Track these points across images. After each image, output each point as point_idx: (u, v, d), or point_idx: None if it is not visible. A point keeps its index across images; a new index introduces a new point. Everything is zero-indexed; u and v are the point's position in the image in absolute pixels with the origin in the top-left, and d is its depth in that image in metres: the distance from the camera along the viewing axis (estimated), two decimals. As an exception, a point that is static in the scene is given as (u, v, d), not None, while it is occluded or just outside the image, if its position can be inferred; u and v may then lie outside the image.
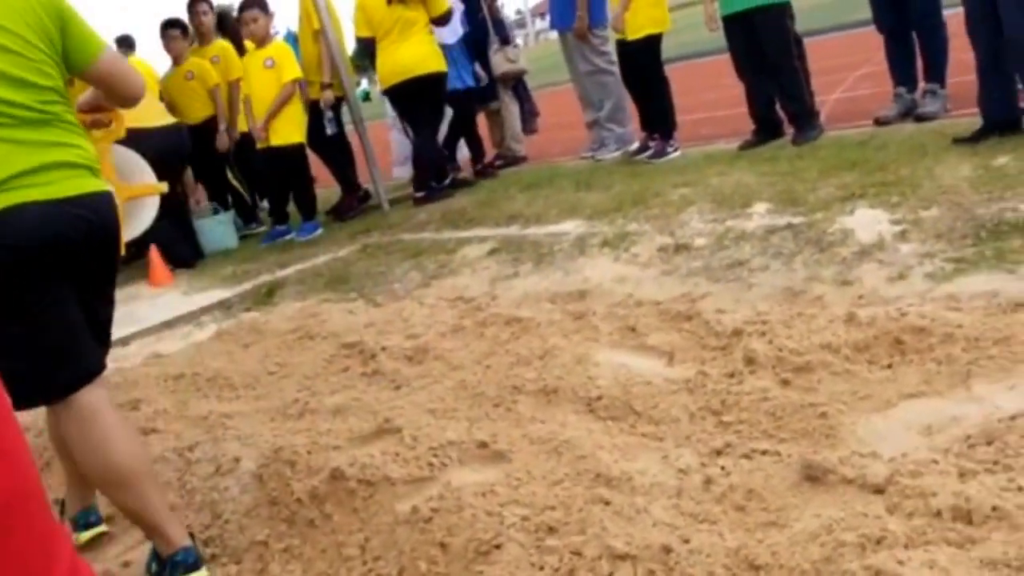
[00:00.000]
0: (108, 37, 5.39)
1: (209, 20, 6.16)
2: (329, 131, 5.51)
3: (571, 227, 4.01)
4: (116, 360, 3.79)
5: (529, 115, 6.41)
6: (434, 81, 5.17)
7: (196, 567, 1.85)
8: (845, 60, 6.92)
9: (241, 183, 6.51)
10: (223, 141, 5.95)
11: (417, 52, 5.08)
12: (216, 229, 5.89)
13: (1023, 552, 1.14)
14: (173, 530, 1.85)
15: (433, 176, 5.44)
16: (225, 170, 6.31)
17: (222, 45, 6.07)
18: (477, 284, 3.80)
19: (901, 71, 4.18)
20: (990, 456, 1.61)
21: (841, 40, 9.32)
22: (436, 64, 5.16)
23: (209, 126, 5.95)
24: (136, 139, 4.95)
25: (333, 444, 2.17)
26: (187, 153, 5.54)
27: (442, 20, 5.15)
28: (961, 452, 1.65)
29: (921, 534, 1.25)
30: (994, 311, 2.14)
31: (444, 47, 5.38)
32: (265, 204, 6.57)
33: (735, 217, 3.47)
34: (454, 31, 5.60)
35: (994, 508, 1.25)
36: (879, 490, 1.44)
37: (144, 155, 4.96)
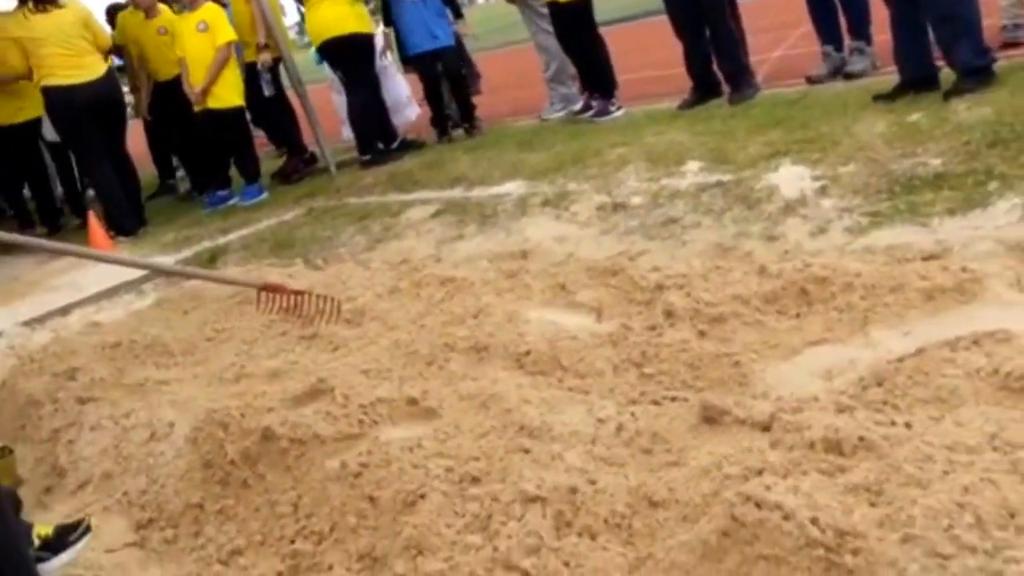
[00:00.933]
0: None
1: None
2: (267, 92, 5.42)
3: (513, 188, 4.05)
4: (55, 329, 3.75)
5: (472, 76, 6.37)
6: (355, 42, 5.12)
7: None
8: (786, 17, 6.97)
9: None
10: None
11: (336, 12, 5.05)
12: None
13: (882, 477, 1.25)
14: None
15: (378, 137, 5.40)
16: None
17: (163, 8, 5.92)
18: (422, 247, 3.82)
19: (825, 30, 4.25)
20: (879, 396, 1.73)
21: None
22: (356, 25, 5.11)
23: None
24: (77, 92, 4.91)
25: (267, 406, 2.21)
26: (121, 95, 5.48)
27: None
28: (855, 394, 1.77)
29: (797, 465, 1.36)
30: (889, 261, 2.26)
31: (411, 4, 5.27)
32: None
33: (669, 176, 3.55)
34: None
35: (861, 439, 1.37)
36: (766, 427, 1.55)
37: (83, 106, 4.95)
